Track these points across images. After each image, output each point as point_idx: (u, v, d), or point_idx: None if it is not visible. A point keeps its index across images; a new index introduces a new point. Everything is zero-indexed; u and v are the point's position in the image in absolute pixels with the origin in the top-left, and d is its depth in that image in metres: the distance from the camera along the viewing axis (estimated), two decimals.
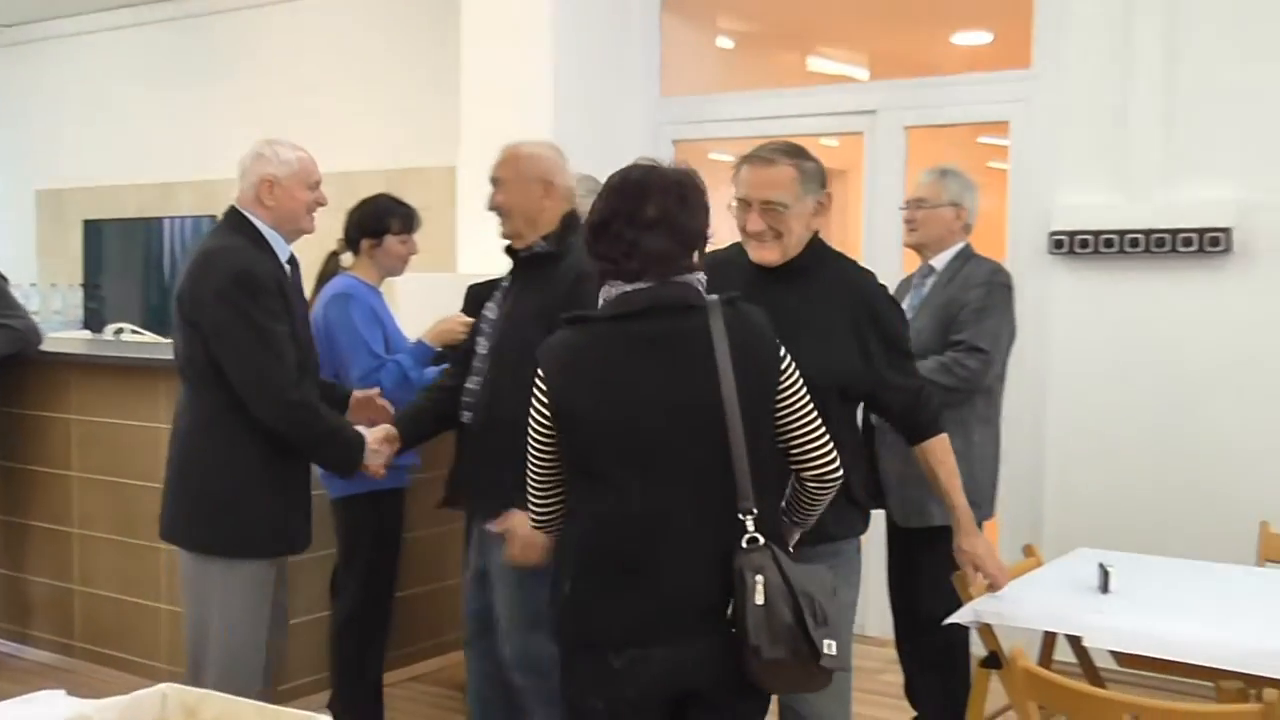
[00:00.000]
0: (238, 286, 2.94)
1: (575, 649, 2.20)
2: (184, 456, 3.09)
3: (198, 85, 7.00)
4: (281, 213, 3.08)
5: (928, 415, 2.72)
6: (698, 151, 5.97)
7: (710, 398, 2.12)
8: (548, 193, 3.10)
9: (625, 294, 2.18)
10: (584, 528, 2.20)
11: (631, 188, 2.20)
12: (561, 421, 2.18)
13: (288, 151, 3.11)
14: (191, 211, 7.02)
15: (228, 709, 1.80)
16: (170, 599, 4.42)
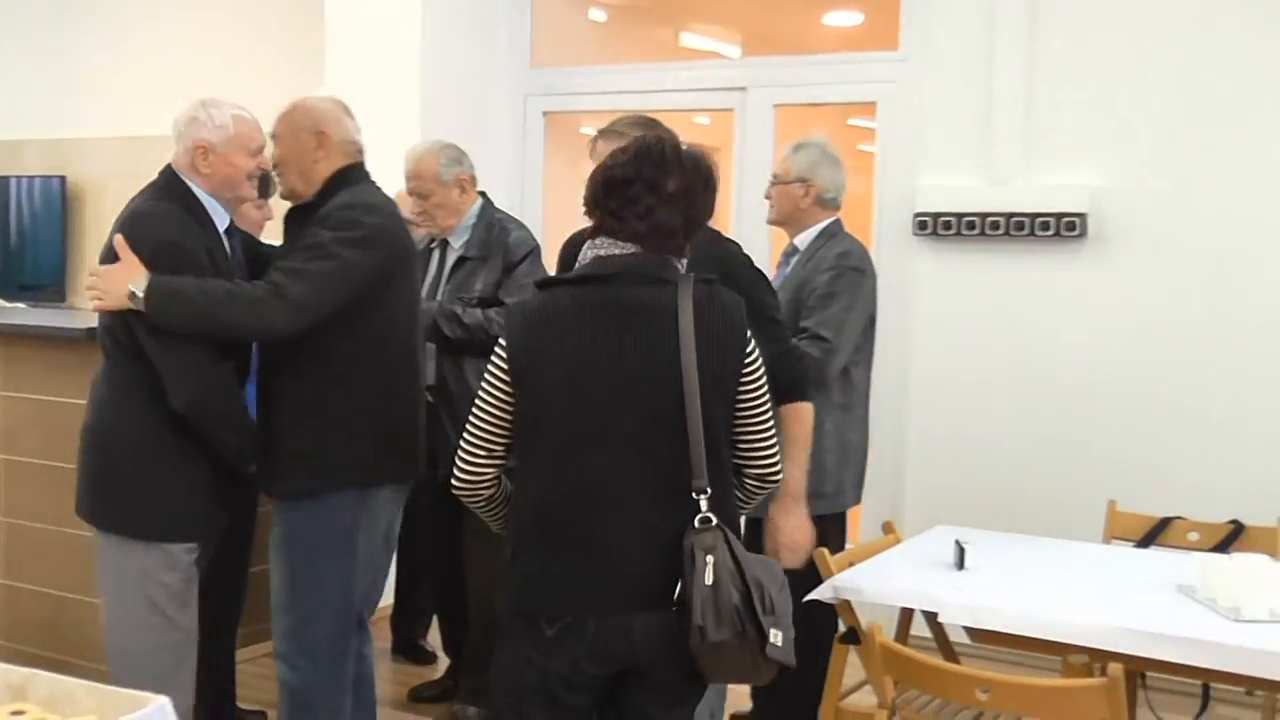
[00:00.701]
0: (160, 258, 2.73)
1: (514, 618, 2.16)
2: (93, 430, 2.88)
3: (47, 40, 6.66)
4: (218, 180, 2.87)
5: (786, 379, 2.71)
6: (568, 124, 5.92)
7: (669, 373, 2.09)
8: (320, 144, 2.92)
9: (600, 258, 2.15)
10: (529, 495, 2.16)
11: (658, 156, 2.17)
12: (516, 382, 2.13)
13: (224, 115, 2.88)
14: (40, 171, 6.69)
15: (57, 689, 1.72)
16: (7, 573, 4.23)
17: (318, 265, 2.76)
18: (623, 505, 2.09)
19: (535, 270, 3.75)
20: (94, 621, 3.99)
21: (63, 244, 6.55)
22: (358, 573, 2.93)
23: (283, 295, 2.72)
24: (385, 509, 2.98)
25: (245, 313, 2.73)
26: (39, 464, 4.15)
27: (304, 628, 2.90)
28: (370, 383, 2.87)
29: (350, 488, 2.87)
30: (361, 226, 2.82)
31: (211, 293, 2.73)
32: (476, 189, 3.83)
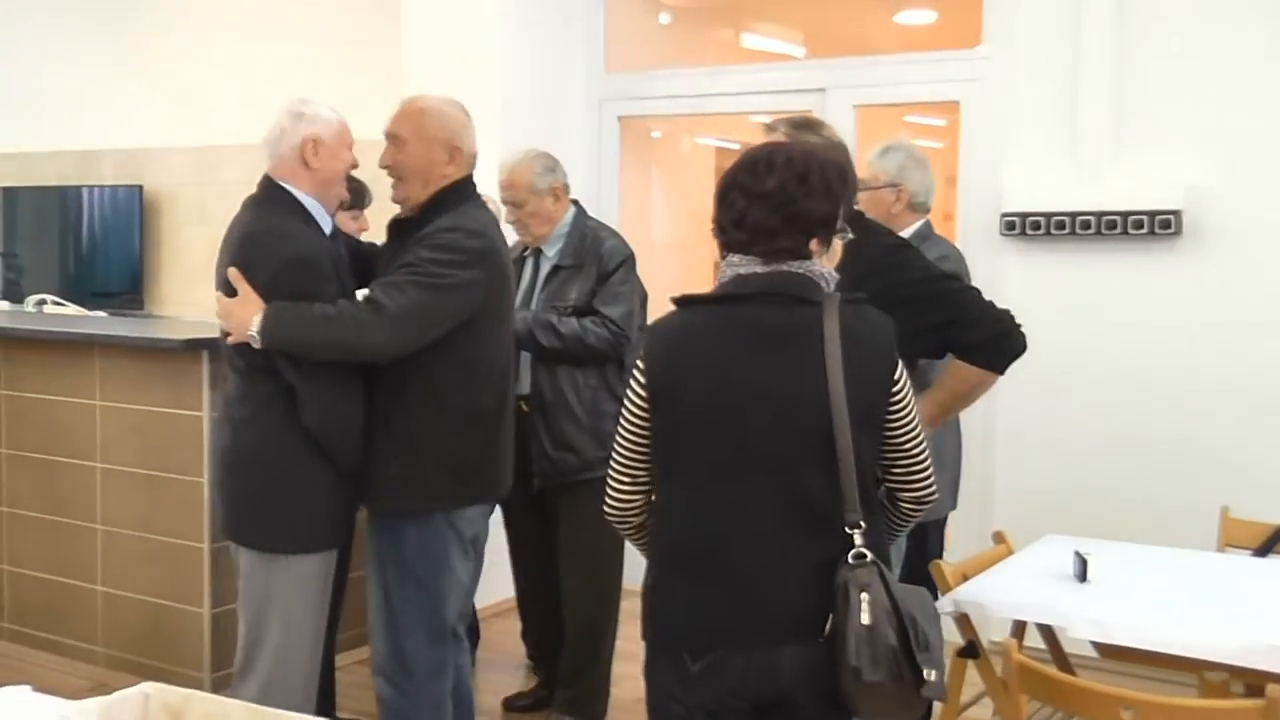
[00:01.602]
0: (294, 277, 2.73)
1: (654, 650, 2.11)
2: (234, 450, 2.88)
3: (123, 51, 6.75)
4: (324, 176, 2.85)
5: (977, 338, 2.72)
6: (641, 128, 5.91)
7: (817, 399, 2.00)
8: (453, 159, 2.89)
9: (740, 276, 2.08)
10: (668, 523, 2.10)
11: (753, 160, 2.12)
12: (657, 406, 2.07)
13: (326, 110, 2.87)
14: (113, 180, 6.78)
15: (215, 709, 1.72)
16: (107, 581, 4.29)
17: (419, 286, 2.74)
18: (766, 535, 2.01)
19: (630, 279, 3.74)
20: (193, 629, 4.05)
21: (140, 252, 6.63)
22: (450, 590, 2.94)
23: (387, 314, 2.72)
24: (473, 525, 2.98)
25: (352, 332, 2.71)
26: (135, 473, 4.20)
27: (400, 646, 2.92)
28: (459, 406, 2.86)
29: (439, 510, 2.88)
30: (464, 251, 2.80)
31: (318, 317, 2.72)
32: (569, 197, 3.83)
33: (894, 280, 2.53)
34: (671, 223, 6.43)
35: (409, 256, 2.80)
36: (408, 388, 2.84)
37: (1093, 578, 2.74)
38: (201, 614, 4.02)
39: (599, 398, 3.71)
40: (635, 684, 4.31)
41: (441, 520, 2.88)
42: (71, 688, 4.05)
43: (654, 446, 2.11)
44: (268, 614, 2.88)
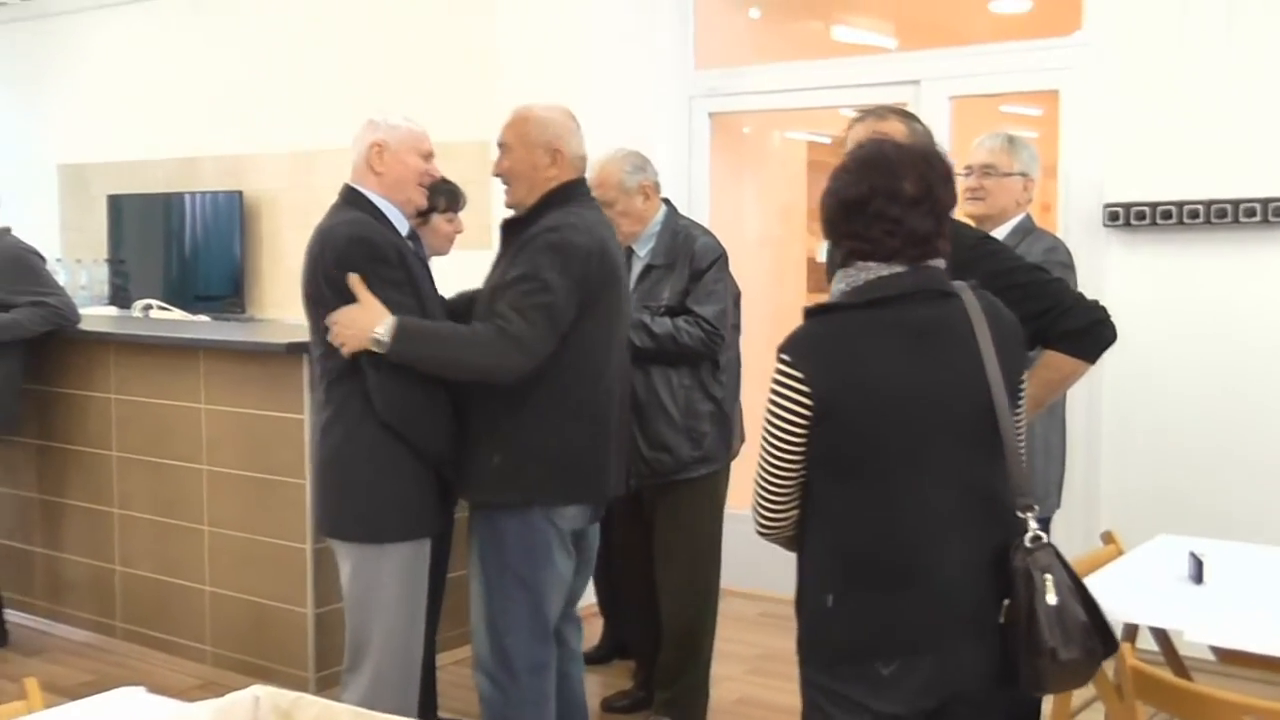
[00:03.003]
0: (353, 254, 2.83)
1: (837, 662, 2.07)
2: (321, 451, 2.97)
3: (221, 58, 6.89)
4: (392, 179, 2.97)
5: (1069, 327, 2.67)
6: (732, 125, 5.87)
7: (978, 387, 2.04)
8: (555, 160, 2.95)
9: (881, 279, 2.07)
10: (851, 531, 2.06)
11: (886, 162, 2.08)
12: (825, 416, 2.03)
13: (397, 118, 3.03)
14: (215, 186, 6.93)
15: (323, 713, 1.74)
16: (214, 581, 4.38)
17: (537, 298, 2.78)
18: (950, 530, 2.03)
19: (722, 277, 3.72)
20: (297, 629, 4.12)
21: (240, 256, 6.76)
22: (552, 587, 2.95)
23: (513, 336, 2.77)
24: (574, 524, 2.98)
25: (481, 355, 2.78)
26: (239, 475, 4.28)
27: (501, 643, 2.94)
28: (565, 404, 2.88)
29: (538, 504, 2.90)
30: (570, 250, 2.84)
31: (449, 337, 2.82)
32: (660, 196, 3.82)
33: (990, 270, 2.48)
34: (763, 220, 6.38)
35: (522, 265, 2.83)
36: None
37: (1209, 579, 2.65)
38: (305, 614, 4.09)
39: (693, 397, 3.69)
40: (734, 685, 4.32)
41: (541, 517, 2.90)
42: (181, 686, 4.15)
43: (820, 457, 2.06)
44: (368, 605, 2.94)
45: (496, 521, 2.91)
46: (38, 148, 7.56)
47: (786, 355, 2.06)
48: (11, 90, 7.77)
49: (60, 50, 7.50)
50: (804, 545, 2.14)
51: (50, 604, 4.89)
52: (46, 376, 4.79)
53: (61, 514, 4.83)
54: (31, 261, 4.71)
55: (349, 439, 2.89)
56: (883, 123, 2.67)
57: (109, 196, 7.20)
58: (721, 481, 3.86)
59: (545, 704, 3.00)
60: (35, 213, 7.07)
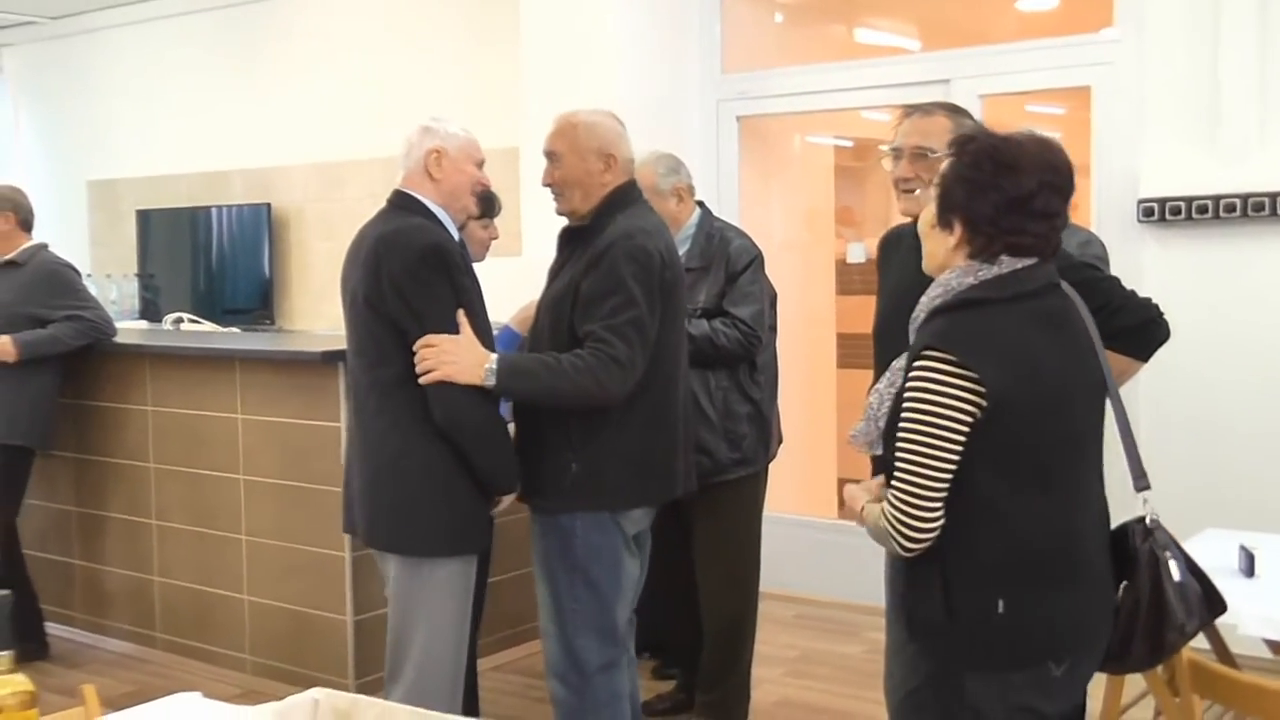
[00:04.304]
0: (429, 263, 2.78)
1: (1008, 667, 2.02)
2: (376, 459, 2.91)
3: (247, 72, 6.94)
4: (448, 187, 2.95)
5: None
6: (761, 128, 5.87)
7: (1099, 375, 2.11)
8: (609, 166, 2.93)
9: (1021, 271, 2.06)
10: (1018, 532, 2.00)
11: (1053, 155, 2.07)
12: (995, 415, 1.96)
13: (454, 126, 3.02)
14: (242, 200, 6.98)
15: (382, 714, 1.74)
16: (252, 590, 4.39)
17: (628, 315, 2.77)
18: (1097, 520, 2.09)
19: (758, 278, 3.71)
20: (336, 636, 4.12)
21: (269, 268, 6.80)
22: (620, 588, 2.94)
23: (614, 359, 2.75)
24: (638, 524, 2.98)
25: (588, 382, 2.75)
26: (276, 484, 4.30)
27: (571, 646, 2.92)
28: (640, 409, 2.86)
29: (606, 510, 2.88)
30: (649, 257, 2.83)
31: (553, 368, 2.78)
32: (695, 199, 3.81)
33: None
34: (791, 223, 6.38)
35: (604, 279, 2.79)
36: None
37: (1261, 572, 2.63)
38: (344, 621, 4.09)
39: (731, 399, 3.68)
40: (775, 688, 4.31)
41: (609, 519, 2.89)
42: (223, 695, 4.13)
43: (986, 455, 1.98)
44: (413, 619, 2.92)
45: (564, 525, 2.90)
46: (68, 164, 7.64)
47: (952, 354, 1.97)
48: (42, 108, 7.84)
49: (89, 68, 7.57)
50: (956, 551, 2.02)
51: (90, 616, 4.91)
52: (83, 390, 4.82)
53: (100, 526, 4.86)
54: (68, 276, 4.74)
55: (406, 451, 2.85)
56: (929, 118, 2.67)
57: (138, 211, 7.26)
58: (760, 483, 3.85)
59: (618, 704, 2.98)
60: (66, 229, 7.13)
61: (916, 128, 2.66)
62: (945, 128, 2.60)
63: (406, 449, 2.85)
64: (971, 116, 2.73)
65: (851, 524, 5.20)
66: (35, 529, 4.93)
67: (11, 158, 7.83)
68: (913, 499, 1.99)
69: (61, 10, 7.43)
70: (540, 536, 2.96)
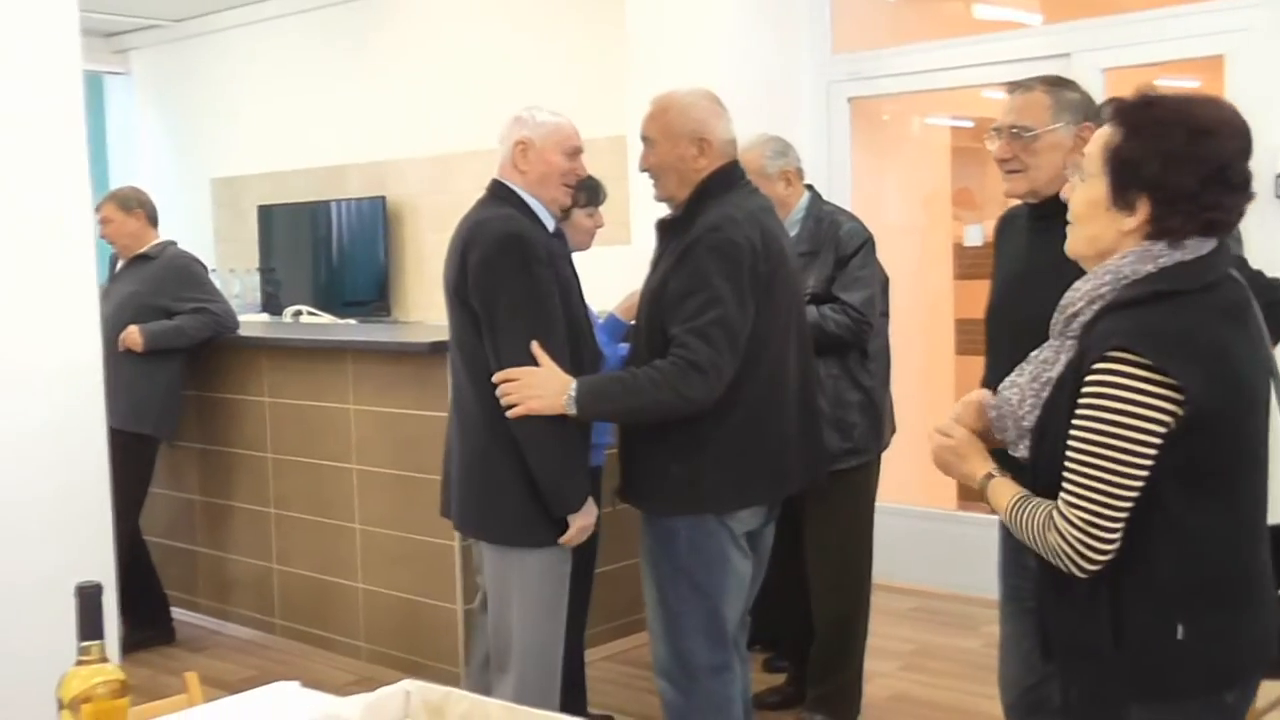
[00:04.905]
0: (505, 252, 2.77)
1: (1188, 697, 1.84)
2: (469, 447, 2.92)
3: (362, 67, 7.04)
4: (535, 177, 2.93)
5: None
6: (872, 110, 5.74)
7: (1273, 374, 1.88)
8: (703, 151, 2.82)
9: (1204, 257, 1.82)
10: (1202, 550, 1.82)
11: (1239, 116, 1.82)
12: (1193, 426, 1.75)
13: (544, 115, 2.99)
14: (360, 194, 7.08)
15: (474, 708, 1.72)
16: (366, 578, 4.45)
17: (712, 314, 2.67)
18: (1267, 535, 1.89)
19: (869, 262, 3.61)
20: (443, 625, 4.15)
21: (385, 261, 6.89)
22: (729, 590, 2.86)
23: (696, 365, 2.66)
24: (747, 524, 2.89)
25: (668, 394, 2.67)
26: (387, 474, 4.34)
27: (679, 648, 2.87)
28: (741, 406, 2.76)
29: (713, 511, 2.81)
30: (735, 248, 2.72)
31: (632, 384, 2.72)
32: (804, 182, 3.73)
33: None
34: (905, 207, 6.23)
35: (687, 276, 2.71)
36: None
37: None
38: (455, 610, 4.12)
39: (841, 387, 3.60)
40: (887, 682, 4.21)
41: (713, 520, 2.81)
42: (339, 681, 4.22)
43: (1176, 468, 1.78)
44: (508, 608, 2.92)
45: (667, 525, 2.84)
46: (193, 162, 7.85)
47: (1146, 357, 1.74)
48: (168, 108, 8.08)
49: (212, 68, 7.76)
50: (1131, 570, 1.82)
51: (213, 602, 5.04)
52: (206, 382, 4.94)
53: (222, 515, 4.97)
54: (195, 270, 4.87)
55: (496, 441, 2.83)
56: (1026, 95, 2.54)
57: (259, 207, 7.42)
58: (872, 473, 3.75)
59: (728, 707, 2.91)
60: (191, 226, 7.32)
61: (1014, 105, 2.54)
62: (1043, 104, 2.49)
63: (496, 439, 2.83)
64: (1078, 88, 2.58)
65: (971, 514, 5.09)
66: (162, 517, 5.07)
67: (140, 157, 8.08)
68: (1096, 517, 1.78)
69: (185, 13, 7.63)
70: (645, 535, 2.91)
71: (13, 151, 3.10)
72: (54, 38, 3.18)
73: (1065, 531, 1.81)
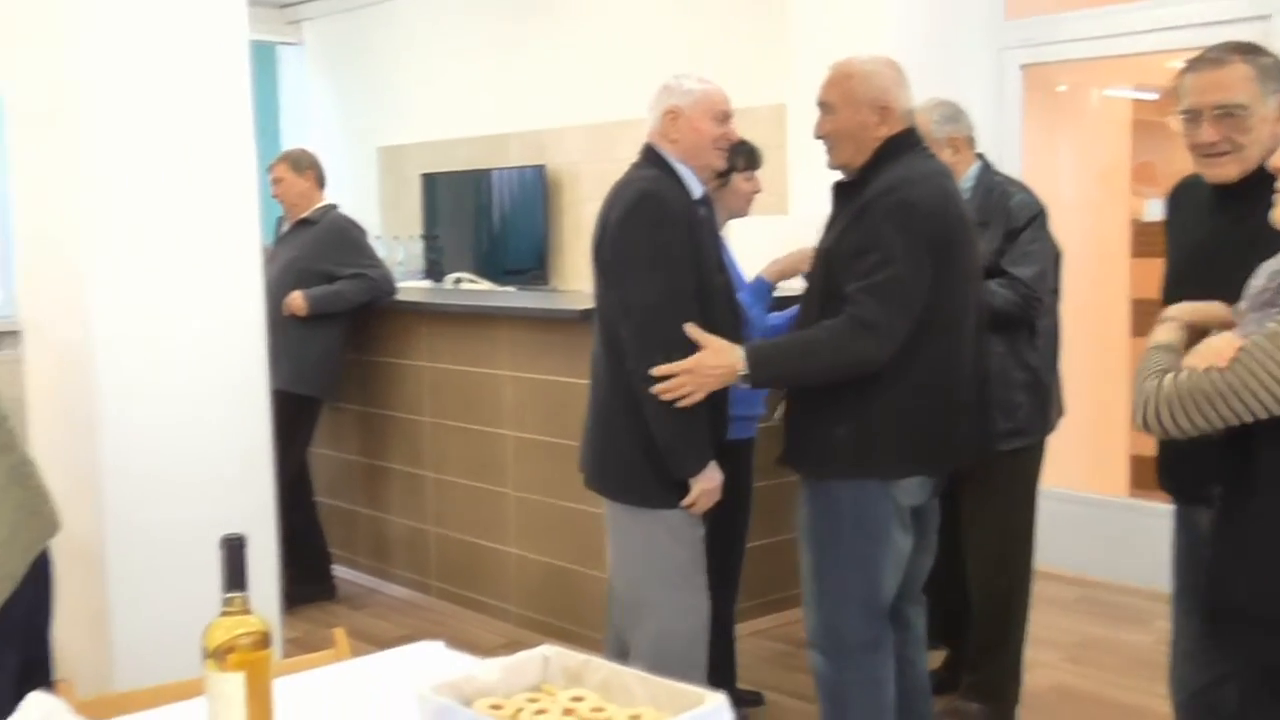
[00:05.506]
0: (638, 210, 2.81)
1: None
2: (599, 402, 2.97)
3: (523, 35, 7.08)
4: (686, 145, 2.95)
5: None
6: (1047, 79, 5.50)
7: None
8: (884, 119, 2.76)
9: None
10: None
11: None
12: None
13: (693, 82, 3.00)
14: (520, 162, 7.14)
15: (612, 677, 1.69)
16: (518, 543, 4.49)
17: (886, 273, 2.62)
18: None
19: (1040, 236, 3.45)
20: (592, 592, 4.16)
21: (544, 229, 6.94)
22: (888, 563, 2.78)
23: (867, 323, 2.61)
24: (913, 496, 2.80)
25: (839, 354, 2.64)
26: (539, 440, 4.36)
27: (832, 620, 2.82)
28: (913, 371, 2.68)
29: (876, 477, 2.73)
30: (911, 208, 2.66)
31: (801, 345, 2.71)
32: (974, 151, 3.58)
33: None
34: (1080, 181, 5.96)
35: (863, 236, 2.67)
36: None
37: None
38: (604, 578, 4.11)
39: (1007, 365, 3.45)
40: (1048, 673, 4.05)
41: (879, 489, 2.74)
42: (489, 644, 4.27)
43: None
44: (635, 569, 2.93)
45: (830, 493, 2.78)
46: (360, 131, 8.02)
47: None
48: (337, 77, 8.27)
49: (379, 39, 7.91)
50: None
51: (373, 561, 5.16)
52: (366, 345, 5.05)
53: (382, 476, 5.09)
54: (354, 235, 4.97)
55: (620, 399, 2.86)
56: (1224, 68, 2.32)
57: (423, 175, 7.54)
58: (1036, 457, 3.59)
59: (880, 685, 2.84)
60: (358, 193, 7.50)
61: (1213, 82, 2.32)
62: (1247, 76, 2.28)
63: (621, 398, 2.86)
64: (1270, 53, 2.36)
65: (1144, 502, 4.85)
66: (325, 477, 5.22)
67: (311, 125, 8.30)
68: (1210, 410, 1.82)
69: None
70: (806, 502, 2.85)
71: (182, 120, 3.20)
72: (222, 8, 3.26)
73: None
